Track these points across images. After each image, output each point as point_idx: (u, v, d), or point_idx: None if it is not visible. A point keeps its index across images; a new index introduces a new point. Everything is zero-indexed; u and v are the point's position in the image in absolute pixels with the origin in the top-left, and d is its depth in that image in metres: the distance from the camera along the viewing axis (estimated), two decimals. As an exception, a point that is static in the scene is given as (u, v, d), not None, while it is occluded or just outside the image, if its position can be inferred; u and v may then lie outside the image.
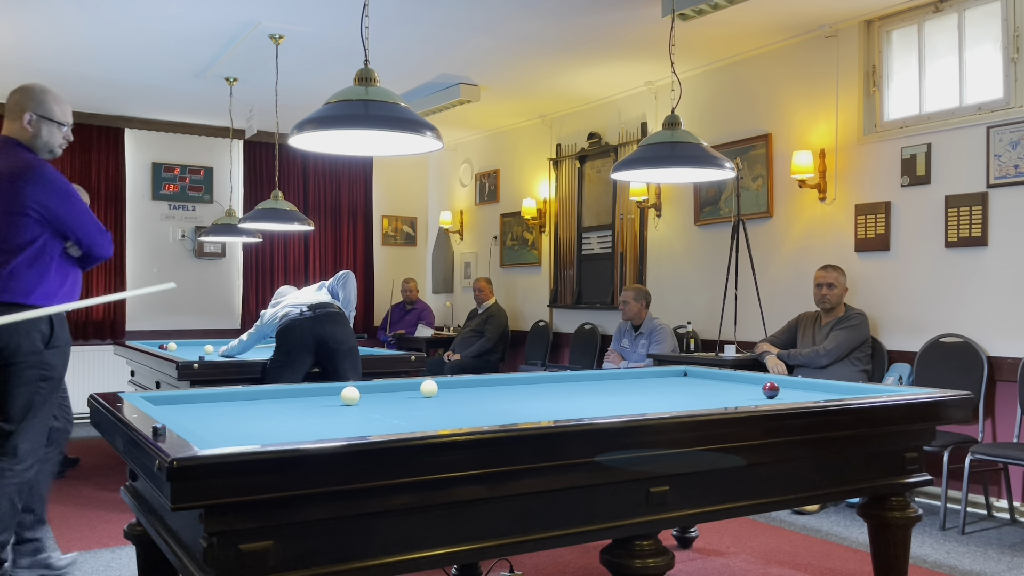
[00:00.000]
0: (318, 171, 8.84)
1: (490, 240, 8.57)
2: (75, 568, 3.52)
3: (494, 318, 7.57)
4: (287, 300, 4.82)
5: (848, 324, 4.81)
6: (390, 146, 3.03)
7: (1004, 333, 4.48)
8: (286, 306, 4.70)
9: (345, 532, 1.89)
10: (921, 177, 4.83)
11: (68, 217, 3.20)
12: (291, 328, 4.54)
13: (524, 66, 6.21)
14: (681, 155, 3.38)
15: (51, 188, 3.18)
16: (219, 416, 2.52)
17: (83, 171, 7.80)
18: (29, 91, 3.33)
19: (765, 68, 5.76)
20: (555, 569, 3.53)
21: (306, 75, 6.34)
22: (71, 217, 3.21)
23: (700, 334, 5.98)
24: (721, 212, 6.05)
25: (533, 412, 2.63)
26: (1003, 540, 4.05)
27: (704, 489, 2.40)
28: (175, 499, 1.66)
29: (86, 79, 6.67)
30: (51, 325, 3.17)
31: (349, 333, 4.67)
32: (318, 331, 4.53)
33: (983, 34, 4.66)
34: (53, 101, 3.37)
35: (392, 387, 3.20)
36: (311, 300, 4.70)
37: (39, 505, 3.38)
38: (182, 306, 8.27)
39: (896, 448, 2.82)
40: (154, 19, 5.25)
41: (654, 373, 3.93)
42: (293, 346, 4.51)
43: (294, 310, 4.61)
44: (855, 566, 3.62)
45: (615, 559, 2.26)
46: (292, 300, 4.77)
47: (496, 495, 2.05)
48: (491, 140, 8.60)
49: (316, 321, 4.55)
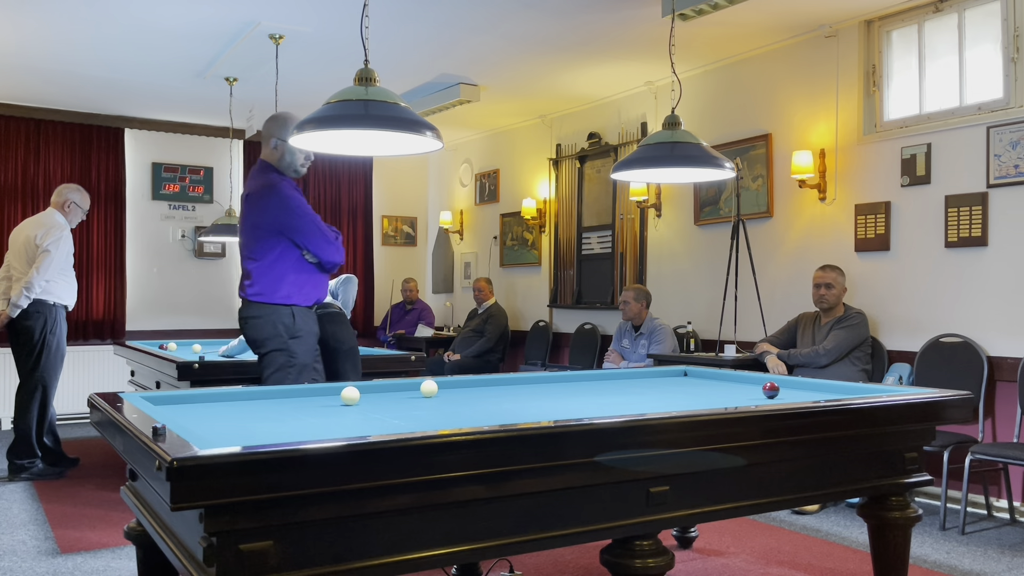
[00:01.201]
0: (318, 171, 8.84)
1: (490, 240, 8.57)
2: (76, 568, 3.52)
3: (494, 318, 7.58)
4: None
5: (848, 324, 4.81)
6: (390, 146, 3.03)
7: (1004, 333, 4.48)
8: None
9: (345, 532, 1.89)
10: (921, 177, 4.83)
11: (298, 231, 3.71)
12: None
13: (524, 66, 6.21)
14: (681, 155, 3.38)
15: (285, 205, 3.71)
16: (219, 416, 2.52)
17: (83, 171, 7.80)
18: (275, 119, 3.86)
19: (765, 68, 5.76)
20: (555, 569, 3.53)
21: (306, 75, 6.34)
22: (300, 231, 3.72)
23: (700, 334, 5.98)
24: (721, 212, 6.05)
25: (533, 412, 2.63)
26: (1003, 540, 4.05)
27: (704, 489, 2.40)
28: (175, 499, 1.66)
29: (86, 79, 6.67)
30: (293, 318, 3.73)
31: (349, 333, 4.66)
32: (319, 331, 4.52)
33: (983, 34, 4.66)
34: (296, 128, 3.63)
35: (392, 387, 3.20)
36: None
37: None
38: (182, 306, 8.27)
39: (896, 448, 2.82)
40: (154, 19, 5.25)
41: (654, 373, 3.93)
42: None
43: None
44: (855, 566, 3.62)
45: (615, 559, 2.26)
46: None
47: (496, 495, 2.05)
48: (491, 140, 8.60)
49: (317, 321, 4.54)
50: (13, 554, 3.77)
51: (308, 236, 3.73)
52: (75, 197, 5.59)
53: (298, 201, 3.75)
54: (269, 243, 3.71)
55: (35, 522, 4.29)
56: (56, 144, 7.71)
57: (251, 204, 3.80)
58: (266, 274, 3.71)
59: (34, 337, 5.29)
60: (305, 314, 3.80)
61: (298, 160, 3.83)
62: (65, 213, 5.52)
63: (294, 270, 3.74)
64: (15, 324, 5.29)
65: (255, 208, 3.77)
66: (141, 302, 8.11)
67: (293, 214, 3.71)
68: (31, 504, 4.66)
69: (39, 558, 3.71)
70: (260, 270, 3.72)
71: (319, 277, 3.84)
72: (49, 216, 5.47)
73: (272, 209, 3.70)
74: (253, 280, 3.73)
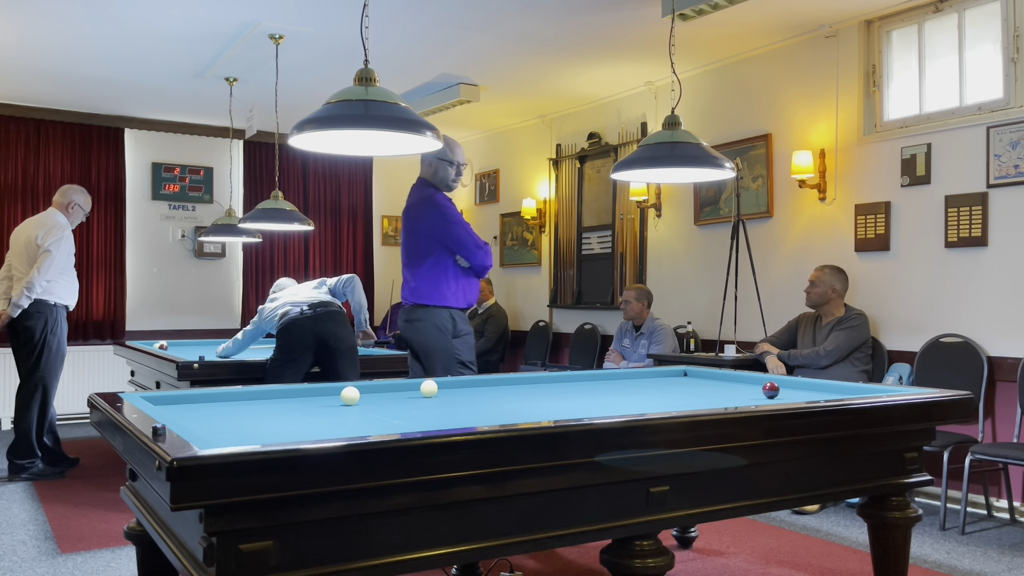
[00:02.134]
0: (318, 171, 8.84)
1: (490, 240, 8.57)
2: (76, 568, 3.52)
3: (494, 318, 7.58)
4: (285, 295, 4.81)
5: (848, 325, 4.81)
6: (390, 146, 3.03)
7: (1004, 333, 4.48)
8: (286, 303, 4.69)
9: (345, 532, 1.89)
10: (921, 177, 4.83)
11: (451, 238, 4.07)
12: (292, 327, 4.54)
13: (524, 66, 6.21)
14: (681, 155, 3.38)
15: (441, 216, 4.08)
16: (219, 416, 2.52)
17: (83, 171, 7.80)
18: None
19: (765, 68, 5.76)
20: (555, 569, 3.53)
21: (306, 75, 6.33)
22: (453, 239, 4.07)
23: (700, 334, 5.98)
24: (721, 212, 6.05)
25: (533, 412, 2.63)
26: (1003, 540, 4.05)
27: (704, 489, 2.40)
28: (175, 499, 1.66)
29: (86, 79, 6.67)
30: (452, 320, 4.08)
31: (349, 332, 4.67)
32: (319, 330, 4.53)
33: (983, 34, 4.66)
34: (447, 146, 4.11)
35: (392, 387, 3.20)
36: (311, 298, 4.70)
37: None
38: (182, 306, 8.27)
39: (896, 448, 2.82)
40: (154, 19, 5.25)
41: (654, 373, 3.93)
42: (294, 345, 4.51)
43: (294, 309, 4.61)
44: (855, 566, 3.62)
45: (615, 559, 2.26)
46: (291, 296, 4.76)
47: (496, 495, 2.05)
48: (491, 140, 8.60)
49: (317, 320, 4.55)
50: (13, 554, 3.77)
51: (461, 244, 4.09)
52: (79, 199, 5.59)
53: (452, 212, 4.14)
54: (428, 251, 4.09)
55: (35, 522, 4.29)
56: (56, 144, 7.71)
57: (410, 217, 4.19)
58: (426, 280, 4.08)
59: (35, 337, 5.29)
60: (461, 315, 4.17)
61: (450, 176, 4.19)
62: (67, 214, 5.53)
63: (451, 275, 4.11)
64: (16, 324, 5.29)
65: (414, 220, 4.16)
66: (141, 302, 8.11)
67: (448, 224, 4.08)
68: (31, 504, 4.66)
69: (39, 558, 3.71)
70: (420, 276, 4.10)
71: (472, 281, 4.19)
72: (50, 216, 5.47)
73: (429, 220, 4.09)
74: (415, 286, 4.13)
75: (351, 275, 4.98)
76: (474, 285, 4.20)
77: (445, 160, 4.15)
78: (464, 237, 4.09)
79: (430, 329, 4.07)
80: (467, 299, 4.17)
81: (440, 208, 4.10)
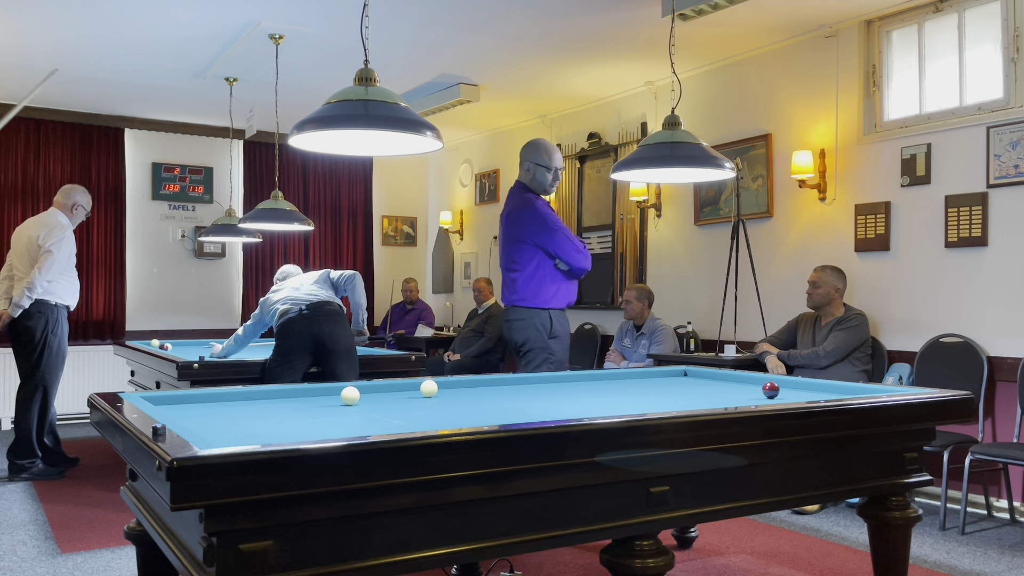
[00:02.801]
0: (318, 171, 8.84)
1: (490, 240, 8.56)
2: (76, 568, 3.52)
3: (494, 318, 7.56)
4: (287, 287, 4.82)
5: (848, 325, 4.81)
6: (390, 146, 3.03)
7: (1004, 333, 4.48)
8: (286, 299, 4.69)
9: (345, 532, 1.88)
10: (921, 177, 4.83)
11: (551, 243, 4.21)
12: (289, 327, 4.55)
13: (524, 66, 6.21)
14: (681, 155, 3.38)
15: (540, 221, 4.22)
16: (219, 416, 2.52)
17: (83, 171, 7.80)
18: (530, 145, 4.38)
19: (765, 68, 5.76)
20: (555, 569, 3.53)
21: (306, 75, 6.34)
22: (553, 243, 4.21)
23: (700, 334, 5.98)
24: (721, 212, 6.05)
25: (533, 412, 2.63)
26: (1003, 540, 4.05)
27: (704, 489, 2.40)
28: (175, 499, 1.66)
29: (86, 79, 6.67)
30: (551, 320, 4.24)
31: (347, 333, 4.67)
32: (316, 331, 4.54)
33: (983, 34, 4.66)
34: (544, 152, 4.30)
35: (392, 387, 3.20)
36: (310, 296, 4.70)
37: None
38: (182, 306, 8.27)
39: (896, 448, 2.82)
40: (154, 19, 5.25)
41: (654, 373, 3.93)
42: (292, 346, 4.53)
43: (293, 308, 4.61)
44: (855, 566, 3.62)
45: (615, 559, 2.26)
46: (292, 291, 4.76)
47: (496, 495, 2.05)
48: (491, 140, 8.60)
49: (314, 320, 4.56)
50: (13, 554, 3.77)
51: (560, 247, 4.22)
52: (82, 200, 5.60)
53: (550, 216, 4.27)
54: (528, 255, 4.23)
55: (35, 522, 4.29)
56: (56, 144, 7.71)
57: (510, 222, 4.33)
58: (527, 282, 4.24)
59: (35, 337, 5.29)
60: (560, 316, 4.31)
61: (547, 180, 4.33)
62: (70, 215, 5.53)
63: (550, 278, 4.26)
64: (16, 324, 5.29)
65: (514, 225, 4.30)
66: (141, 302, 8.11)
67: (547, 228, 4.22)
68: (31, 504, 4.66)
69: (39, 558, 3.71)
70: (521, 279, 4.25)
71: (571, 283, 4.35)
72: (52, 216, 5.47)
73: (529, 225, 4.23)
74: (516, 288, 4.28)
75: (353, 272, 4.98)
76: (572, 286, 4.36)
77: (543, 166, 4.28)
78: (564, 242, 4.24)
79: (529, 329, 4.23)
80: (567, 300, 4.35)
81: (540, 214, 4.25)
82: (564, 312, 4.37)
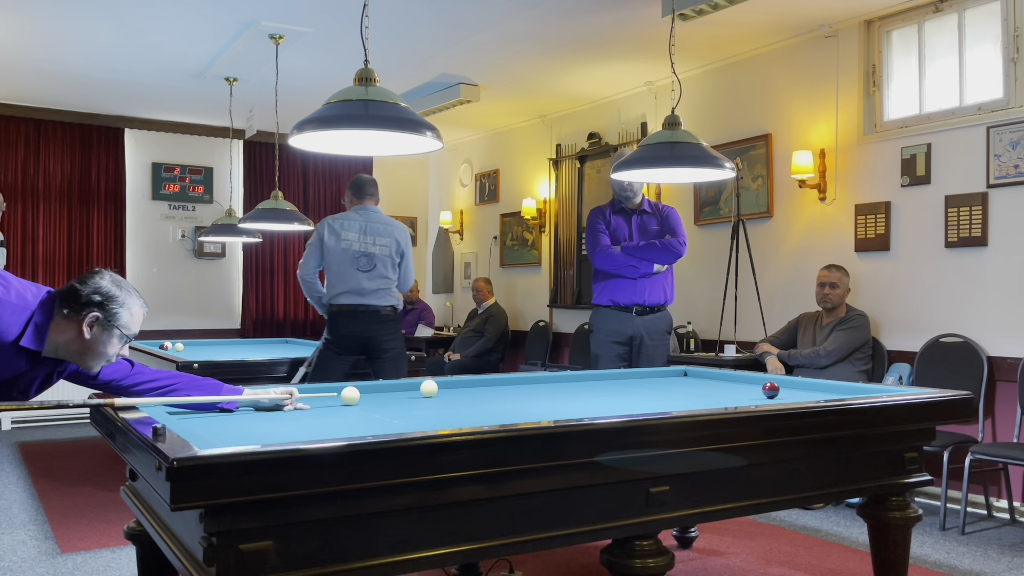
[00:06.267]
0: (318, 171, 8.84)
1: (490, 240, 8.57)
2: (76, 568, 3.52)
3: (494, 318, 7.57)
4: (355, 249, 4.70)
5: (849, 325, 4.81)
6: (390, 146, 3.03)
7: (1004, 333, 4.48)
8: (353, 268, 4.66)
9: (345, 532, 1.88)
10: (921, 177, 4.83)
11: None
12: (342, 320, 4.66)
13: (524, 66, 6.21)
14: (681, 155, 3.38)
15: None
16: (219, 416, 2.52)
17: (83, 171, 7.80)
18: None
19: (765, 68, 5.76)
20: (555, 569, 3.53)
21: (306, 75, 6.33)
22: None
23: (700, 334, 5.98)
24: (721, 212, 6.05)
25: (533, 412, 2.63)
26: (1003, 540, 4.05)
27: (704, 489, 2.40)
28: (175, 499, 1.66)
29: (86, 79, 6.66)
30: (600, 317, 4.77)
31: (394, 337, 4.77)
32: (363, 332, 4.67)
33: (983, 34, 4.66)
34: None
35: (392, 387, 3.20)
36: (373, 287, 4.68)
37: None
38: (182, 306, 8.27)
39: (896, 448, 2.82)
40: (154, 19, 5.25)
41: (654, 373, 3.93)
42: (342, 341, 4.68)
43: (354, 296, 4.64)
44: (855, 566, 3.62)
45: (615, 559, 2.26)
46: (358, 259, 4.68)
47: (496, 495, 2.05)
48: (491, 140, 8.60)
49: (364, 321, 4.66)
50: (13, 554, 3.77)
51: (589, 250, 4.82)
52: None
53: (590, 223, 4.85)
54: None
55: (35, 522, 4.29)
56: (56, 144, 7.71)
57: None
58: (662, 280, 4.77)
59: None
60: (598, 312, 4.81)
61: (615, 192, 4.85)
62: None
63: (595, 278, 4.84)
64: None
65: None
66: (141, 302, 8.09)
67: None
68: (31, 504, 4.66)
69: (39, 558, 3.71)
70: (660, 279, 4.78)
71: (611, 282, 4.74)
72: None
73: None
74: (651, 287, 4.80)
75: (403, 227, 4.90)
76: (610, 285, 4.74)
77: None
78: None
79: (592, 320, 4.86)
80: (610, 298, 4.74)
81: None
82: (603, 309, 4.76)
